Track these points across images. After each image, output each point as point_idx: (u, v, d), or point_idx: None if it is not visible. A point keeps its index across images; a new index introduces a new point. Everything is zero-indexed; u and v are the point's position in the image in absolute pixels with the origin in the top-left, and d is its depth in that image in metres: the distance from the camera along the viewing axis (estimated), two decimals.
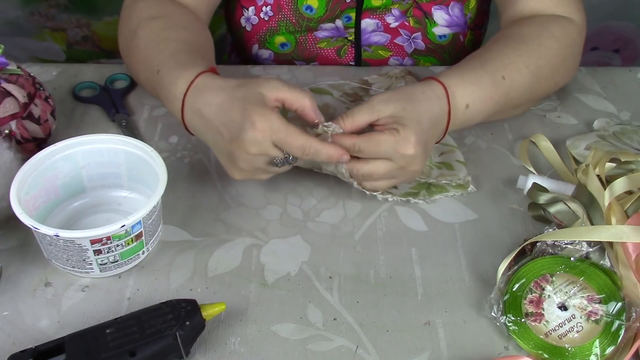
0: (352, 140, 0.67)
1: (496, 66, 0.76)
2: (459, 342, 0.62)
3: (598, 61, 1.61)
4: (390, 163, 0.68)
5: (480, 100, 0.74)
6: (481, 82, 0.75)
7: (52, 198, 0.70)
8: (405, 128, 0.67)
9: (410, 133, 0.67)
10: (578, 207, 0.68)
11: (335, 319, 0.63)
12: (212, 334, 0.62)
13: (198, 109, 0.68)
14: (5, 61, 0.76)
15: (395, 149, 0.67)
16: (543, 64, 0.79)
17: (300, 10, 0.94)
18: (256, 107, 0.64)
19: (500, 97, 0.76)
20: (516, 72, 0.77)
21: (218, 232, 0.71)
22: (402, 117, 0.68)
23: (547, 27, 0.82)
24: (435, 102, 0.71)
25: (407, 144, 0.67)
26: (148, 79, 0.77)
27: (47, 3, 1.44)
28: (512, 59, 0.77)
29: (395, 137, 0.67)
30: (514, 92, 0.77)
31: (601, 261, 0.65)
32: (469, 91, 0.74)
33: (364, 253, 0.70)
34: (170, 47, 0.75)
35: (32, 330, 0.62)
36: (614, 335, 0.60)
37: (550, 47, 0.80)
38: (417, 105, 0.69)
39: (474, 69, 0.76)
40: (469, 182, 0.77)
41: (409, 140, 0.67)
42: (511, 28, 0.84)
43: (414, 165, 0.69)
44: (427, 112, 0.70)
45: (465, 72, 0.75)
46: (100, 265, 0.64)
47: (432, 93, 0.71)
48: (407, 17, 0.94)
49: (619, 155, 0.72)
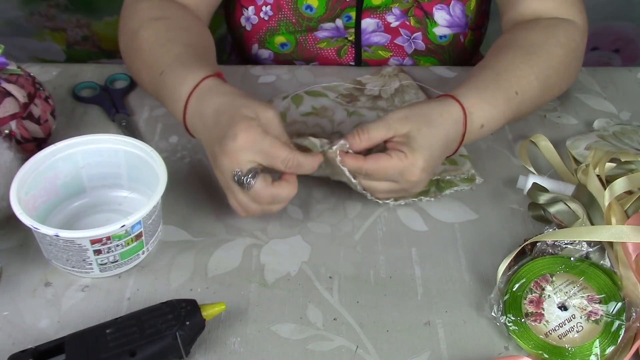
0: (359, 163, 0.67)
1: (510, 81, 0.75)
2: (459, 342, 0.62)
3: (598, 61, 1.61)
4: (394, 184, 0.69)
5: (494, 119, 0.74)
6: (496, 102, 0.74)
7: (52, 198, 0.70)
8: (415, 154, 0.66)
9: (419, 160, 0.66)
10: (578, 207, 0.68)
11: (335, 319, 0.63)
12: (212, 334, 0.62)
13: (199, 110, 0.68)
14: (5, 61, 0.76)
15: (401, 174, 0.67)
16: (551, 73, 0.79)
17: (300, 9, 0.94)
18: (244, 121, 0.63)
19: (512, 112, 0.76)
20: (527, 85, 0.76)
21: (218, 232, 0.71)
22: (414, 139, 0.67)
23: (554, 33, 0.81)
24: (452, 125, 0.70)
25: (413, 170, 0.67)
26: (150, 80, 0.77)
27: (47, 3, 1.44)
28: (524, 71, 0.76)
29: (403, 162, 0.66)
30: (523, 105, 0.77)
31: (601, 261, 0.65)
32: (485, 112, 0.73)
33: (364, 253, 0.70)
34: (175, 50, 0.75)
35: (32, 330, 0.62)
36: (614, 335, 0.60)
37: (558, 55, 0.80)
38: (432, 130, 0.68)
39: (489, 86, 0.74)
40: (475, 175, 0.78)
41: (416, 167, 0.67)
42: (517, 33, 0.83)
43: (417, 188, 0.70)
44: (442, 136, 0.69)
45: (482, 90, 0.74)
46: (100, 265, 0.64)
47: (449, 116, 0.70)
48: (408, 17, 0.94)
49: (619, 155, 0.72)
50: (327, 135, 0.83)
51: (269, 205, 0.67)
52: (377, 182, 0.69)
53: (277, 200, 0.66)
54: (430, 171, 0.69)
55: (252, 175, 0.63)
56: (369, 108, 0.88)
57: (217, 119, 0.66)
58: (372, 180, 0.69)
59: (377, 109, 0.87)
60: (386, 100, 0.89)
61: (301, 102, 0.88)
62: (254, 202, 0.66)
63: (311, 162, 0.66)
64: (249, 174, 0.63)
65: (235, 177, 0.64)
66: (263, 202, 0.66)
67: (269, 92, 0.91)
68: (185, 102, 0.70)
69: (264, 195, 0.64)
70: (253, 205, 0.66)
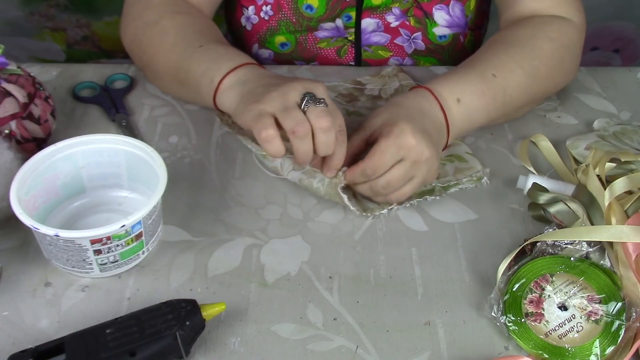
0: (359, 167, 0.69)
1: (485, 66, 0.78)
2: (459, 342, 0.62)
3: (598, 61, 1.61)
4: (402, 163, 0.69)
5: (471, 93, 0.76)
6: (467, 78, 0.77)
7: (52, 198, 0.70)
8: (397, 123, 0.68)
9: (403, 124, 0.68)
10: (578, 207, 0.68)
11: (335, 319, 0.63)
12: (212, 334, 0.62)
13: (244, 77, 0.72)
14: (5, 61, 0.76)
15: (397, 145, 0.67)
16: (538, 64, 0.80)
17: (300, 9, 0.94)
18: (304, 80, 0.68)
19: (496, 93, 0.77)
20: (509, 72, 0.78)
21: (218, 232, 0.71)
22: (389, 119, 0.70)
23: (542, 28, 0.82)
24: (421, 99, 0.74)
25: (404, 135, 0.68)
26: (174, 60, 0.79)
27: (47, 3, 1.44)
28: (503, 60, 0.79)
29: (391, 136, 0.68)
30: (510, 91, 0.78)
31: (601, 261, 0.65)
32: (455, 87, 0.76)
33: (364, 253, 0.70)
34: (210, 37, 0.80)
35: (32, 330, 0.61)
36: (614, 335, 0.60)
37: (546, 47, 0.81)
38: (402, 106, 0.72)
39: (459, 70, 0.78)
40: (484, 174, 0.78)
41: (404, 131, 0.68)
42: (506, 31, 0.85)
43: (424, 154, 0.68)
44: (413, 107, 0.73)
45: (449, 74, 0.78)
46: (100, 265, 0.64)
47: (415, 94, 0.75)
48: (408, 17, 0.94)
49: (619, 155, 0.72)
50: None
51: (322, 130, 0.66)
52: (388, 173, 0.68)
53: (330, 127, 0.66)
54: (422, 131, 0.69)
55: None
56: (369, 108, 0.88)
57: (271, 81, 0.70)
58: (382, 177, 0.69)
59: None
60: (386, 100, 0.89)
61: None
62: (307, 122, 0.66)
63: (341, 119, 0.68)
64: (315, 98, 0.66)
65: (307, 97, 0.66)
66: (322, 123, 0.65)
67: None
68: (227, 72, 0.73)
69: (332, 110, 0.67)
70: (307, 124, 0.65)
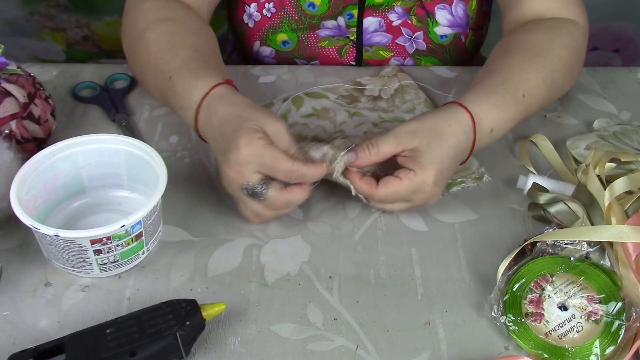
0: (371, 191, 0.68)
1: (517, 84, 0.75)
2: (459, 342, 0.62)
3: (598, 61, 1.61)
4: (407, 203, 0.69)
5: (503, 122, 0.73)
6: (505, 106, 0.73)
7: (52, 198, 0.70)
8: (425, 170, 0.66)
9: (430, 176, 0.66)
10: (578, 207, 0.68)
11: (335, 319, 0.63)
12: (212, 334, 0.62)
13: (208, 119, 0.68)
14: (5, 61, 0.76)
15: (413, 192, 0.67)
16: (557, 75, 0.79)
17: (302, 6, 0.94)
18: (246, 134, 0.63)
19: (520, 115, 0.75)
20: (535, 88, 0.76)
21: (218, 232, 0.71)
22: (423, 155, 0.66)
23: (558, 34, 0.81)
24: (462, 135, 0.69)
25: (425, 187, 0.67)
26: (156, 83, 0.77)
27: (47, 3, 1.44)
28: (532, 74, 0.76)
29: (413, 182, 0.66)
30: (530, 108, 0.77)
31: (601, 261, 0.65)
32: (494, 116, 0.72)
33: (364, 253, 0.70)
34: (182, 54, 0.75)
35: (32, 330, 0.62)
36: (614, 335, 0.60)
37: (563, 57, 0.80)
38: (442, 143, 0.68)
39: (497, 90, 0.74)
40: (484, 173, 0.78)
41: (427, 183, 0.67)
42: (522, 34, 0.82)
43: (431, 201, 0.70)
44: (452, 148, 0.68)
45: (490, 95, 0.73)
46: (100, 265, 0.64)
47: (458, 126, 0.69)
48: (410, 16, 0.94)
49: (619, 155, 0.72)
50: (329, 135, 0.83)
51: (282, 210, 0.68)
52: (390, 205, 0.70)
53: (291, 204, 0.67)
54: (443, 184, 0.69)
55: (264, 185, 0.64)
56: (370, 109, 0.88)
57: (223, 130, 0.66)
58: (385, 203, 0.70)
59: (378, 110, 0.87)
60: (386, 101, 0.89)
61: (302, 103, 0.88)
62: (268, 209, 0.67)
63: (315, 172, 0.66)
64: (259, 184, 0.64)
65: (246, 189, 0.65)
66: (278, 208, 0.67)
67: (269, 92, 0.91)
68: (196, 111, 0.70)
69: (279, 202, 0.66)
70: (267, 212, 0.67)
